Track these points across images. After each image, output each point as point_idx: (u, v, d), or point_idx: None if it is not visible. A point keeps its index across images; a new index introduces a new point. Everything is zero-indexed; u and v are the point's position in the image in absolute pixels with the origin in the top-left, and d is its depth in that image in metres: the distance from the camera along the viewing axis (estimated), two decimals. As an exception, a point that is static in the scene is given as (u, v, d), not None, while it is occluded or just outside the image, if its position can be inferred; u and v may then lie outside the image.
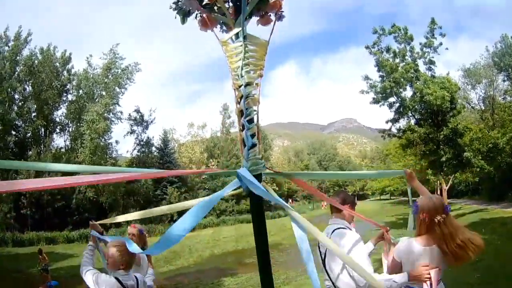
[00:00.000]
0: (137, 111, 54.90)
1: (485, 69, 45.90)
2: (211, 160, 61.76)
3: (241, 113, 2.65)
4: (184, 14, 3.14)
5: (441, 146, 31.40)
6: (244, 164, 2.67)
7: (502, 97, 44.77)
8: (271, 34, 3.13)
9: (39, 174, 41.97)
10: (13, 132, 45.40)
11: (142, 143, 55.92)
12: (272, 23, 3.18)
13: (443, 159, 30.83)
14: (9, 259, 27.38)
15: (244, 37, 2.99)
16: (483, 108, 48.11)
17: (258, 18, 3.20)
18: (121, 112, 51.80)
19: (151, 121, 55.85)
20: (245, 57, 2.89)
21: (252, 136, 2.62)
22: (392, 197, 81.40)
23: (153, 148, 58.11)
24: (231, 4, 3.13)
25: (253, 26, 3.19)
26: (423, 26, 32.41)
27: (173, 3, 3.15)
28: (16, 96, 45.92)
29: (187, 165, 59.91)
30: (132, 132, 55.01)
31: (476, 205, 38.03)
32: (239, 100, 2.68)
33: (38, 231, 38.21)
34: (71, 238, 37.34)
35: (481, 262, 10.05)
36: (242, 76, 2.73)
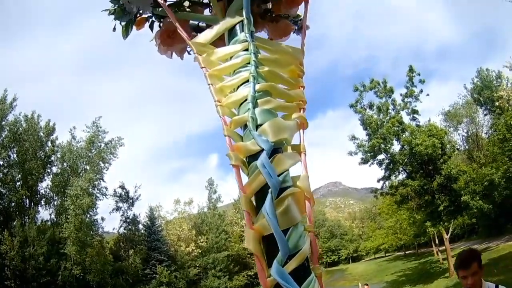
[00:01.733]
0: (122, 187, 54.13)
1: (465, 107, 46.71)
2: (200, 237, 60.34)
3: (264, 245, 1.17)
4: (129, 21, 1.88)
5: (437, 195, 31.00)
6: None
7: (485, 132, 45.22)
8: (303, 43, 1.75)
9: (23, 245, 40.52)
10: None
11: (128, 220, 54.55)
12: (290, 33, 1.96)
13: (441, 208, 30.34)
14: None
15: (251, 35, 1.54)
16: (467, 147, 48.44)
17: (265, 27, 1.97)
18: (106, 188, 50.84)
19: (137, 198, 54.89)
20: (258, 75, 1.40)
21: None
22: (387, 254, 79.77)
23: (140, 226, 56.71)
24: None
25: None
26: (396, 77, 33.19)
27: (111, 1, 1.85)
28: (0, 162, 44.79)
29: (176, 242, 58.50)
30: (118, 209, 53.85)
31: (477, 245, 37.16)
32: (251, 200, 1.20)
33: (23, 303, 35.82)
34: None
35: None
36: (255, 126, 1.26)
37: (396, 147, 32.92)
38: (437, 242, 39.08)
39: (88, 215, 47.41)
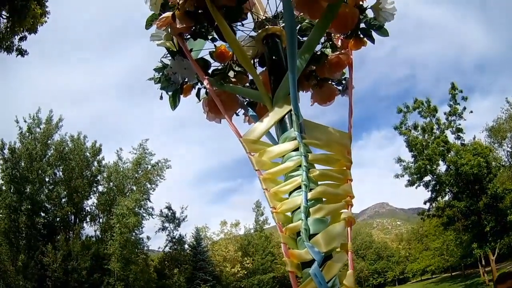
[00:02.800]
0: (169, 208, 54.98)
1: (508, 121, 44.56)
2: (245, 258, 60.24)
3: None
4: (176, 91, 1.92)
5: (483, 216, 29.97)
6: None
7: None
8: (350, 125, 1.76)
9: (66, 258, 41.82)
10: (42, 214, 45.41)
11: (174, 240, 55.15)
12: (335, 98, 1.98)
13: (487, 228, 29.30)
14: None
15: (300, 129, 1.58)
16: None
17: (309, 90, 2.01)
18: (152, 208, 51.79)
19: (183, 219, 55.70)
20: (309, 180, 1.45)
21: None
22: (433, 276, 77.20)
23: (186, 246, 57.06)
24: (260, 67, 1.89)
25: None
26: (437, 94, 32.66)
27: (155, 69, 1.95)
28: (47, 179, 46.57)
29: (221, 263, 58.58)
30: (164, 228, 54.64)
31: None
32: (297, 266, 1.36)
33: (62, 315, 37.11)
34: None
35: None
36: (308, 236, 1.36)
37: (442, 167, 32.21)
38: (483, 263, 37.52)
39: (134, 234, 48.31)
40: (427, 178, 32.38)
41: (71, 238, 45.29)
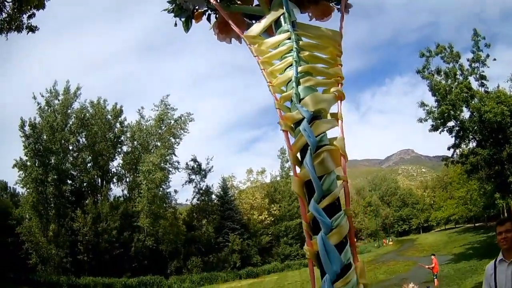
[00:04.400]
0: (194, 160, 55.72)
1: None
2: (272, 205, 60.92)
3: (305, 188, 1.37)
4: (188, 17, 2.12)
5: (506, 166, 29.59)
6: None
7: None
8: (341, 27, 1.86)
9: (95, 221, 43.32)
10: (69, 181, 47.54)
11: (201, 191, 56.32)
12: (332, 14, 2.04)
13: (510, 179, 28.95)
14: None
15: (293, 24, 1.76)
16: None
17: (309, 8, 2.06)
18: (178, 162, 52.91)
19: (209, 170, 56.52)
20: (300, 58, 1.60)
21: (340, 247, 1.25)
22: (457, 225, 77.30)
23: (213, 196, 58.32)
24: None
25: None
26: (461, 42, 31.69)
27: (169, 1, 2.13)
28: (70, 147, 48.41)
29: (248, 211, 59.50)
30: (191, 181, 55.76)
31: None
32: (296, 155, 1.42)
33: (95, 276, 39.03)
34: (129, 285, 37.62)
35: None
36: (298, 99, 1.46)
37: (466, 114, 31.63)
38: (506, 215, 37.34)
39: (161, 189, 49.60)
40: (451, 124, 31.88)
41: (99, 200, 46.75)
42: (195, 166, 55.73)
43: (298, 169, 1.32)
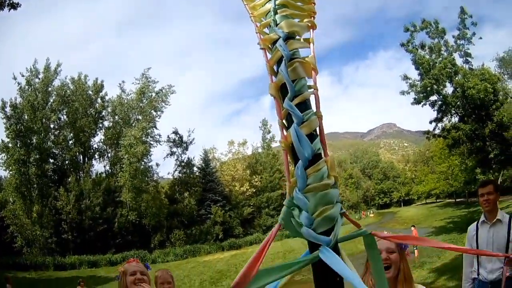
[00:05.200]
0: (176, 132, 55.39)
1: None
2: (254, 176, 61.05)
3: (281, 92, 1.42)
4: None
5: (488, 142, 29.94)
6: (295, 199, 1.29)
7: None
8: None
9: (78, 198, 43.05)
10: (51, 160, 46.93)
11: (183, 164, 56.21)
12: None
13: (491, 155, 29.35)
14: (49, 283, 27.58)
15: None
16: None
17: None
18: (159, 135, 52.56)
19: (190, 142, 56.34)
20: None
21: (311, 137, 1.30)
22: (438, 200, 78.77)
23: (195, 169, 58.28)
24: None
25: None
26: (448, 20, 31.62)
27: None
28: (51, 125, 47.66)
29: (230, 182, 59.67)
30: (172, 154, 55.54)
31: None
32: (274, 67, 1.47)
33: (80, 255, 38.90)
34: (113, 261, 37.63)
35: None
36: (276, 25, 1.54)
37: (449, 89, 31.79)
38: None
39: (143, 162, 49.35)
40: (433, 98, 32.04)
41: (82, 177, 46.39)
42: (177, 138, 55.54)
43: (274, 78, 1.44)
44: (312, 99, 1.40)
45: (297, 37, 1.54)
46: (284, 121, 1.36)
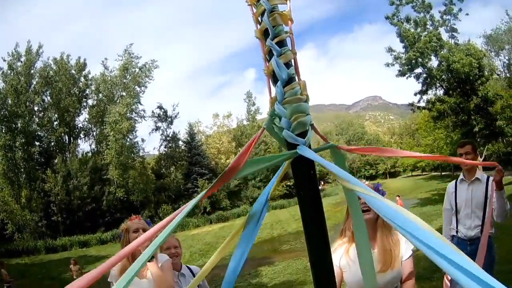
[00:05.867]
0: (160, 107, 55.10)
1: (507, 34, 43.82)
2: (239, 149, 60.69)
3: (264, 35, 1.68)
4: None
5: (472, 116, 30.25)
6: (277, 110, 1.58)
7: None
8: None
9: (66, 179, 42.86)
10: (37, 143, 46.45)
11: (168, 138, 56.25)
12: None
13: (476, 129, 29.73)
14: (41, 267, 27.71)
15: None
16: (508, 75, 46.06)
17: None
18: (144, 111, 52.25)
19: (175, 116, 56.11)
20: None
21: (287, 65, 1.60)
22: (423, 173, 79.75)
23: (180, 143, 58.25)
24: None
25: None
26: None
27: None
28: (36, 108, 46.92)
29: (216, 155, 59.76)
30: (157, 128, 55.43)
31: (510, 176, 36.40)
32: (259, 18, 1.70)
33: (70, 236, 38.95)
34: (104, 240, 37.84)
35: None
36: None
37: (434, 63, 31.85)
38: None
39: (128, 139, 49.26)
40: (418, 71, 32.14)
41: (68, 158, 46.10)
42: (161, 113, 55.28)
43: (259, 26, 1.63)
44: (288, 41, 1.60)
45: None
46: (266, 56, 1.62)
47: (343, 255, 2.81)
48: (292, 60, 1.62)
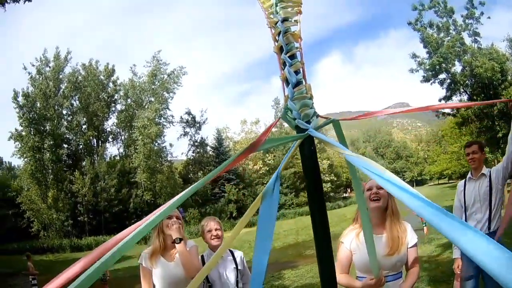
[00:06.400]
0: (189, 113, 55.92)
1: None
2: (267, 155, 61.33)
3: (280, 50, 2.27)
4: None
5: (496, 122, 30.01)
6: (289, 105, 2.17)
7: None
8: None
9: (94, 181, 43.99)
10: (65, 146, 47.71)
11: (196, 144, 56.96)
12: None
13: (500, 135, 29.45)
14: (66, 264, 28.33)
15: None
16: None
17: None
18: (172, 116, 53.12)
19: (203, 122, 56.89)
20: None
21: (296, 73, 2.18)
22: (450, 181, 78.42)
23: (208, 148, 58.95)
24: None
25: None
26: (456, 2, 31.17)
27: None
28: (64, 112, 48.27)
29: (244, 161, 59.94)
30: (185, 134, 56.22)
31: None
32: (276, 37, 2.30)
33: (96, 236, 39.82)
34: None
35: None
36: (277, 13, 2.35)
37: (457, 68, 31.73)
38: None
39: (156, 143, 50.06)
40: (442, 76, 31.97)
41: (96, 160, 47.07)
42: (189, 119, 56.01)
43: (276, 43, 2.21)
44: (298, 54, 2.17)
45: (290, 19, 2.25)
46: (282, 66, 2.19)
47: (353, 239, 3.16)
48: (301, 69, 2.18)
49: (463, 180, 5.14)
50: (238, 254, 4.14)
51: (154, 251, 3.53)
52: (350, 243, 3.17)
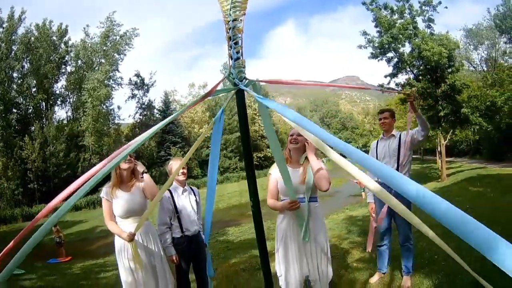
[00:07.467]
0: (137, 75, 55.67)
1: (487, 30, 45.38)
2: (213, 119, 61.55)
3: (229, 39, 3.10)
4: None
5: (439, 102, 31.51)
6: (231, 71, 3.14)
7: (504, 60, 44.34)
8: None
9: (43, 146, 42.91)
10: (14, 110, 46.00)
11: (143, 106, 57.05)
12: None
13: (441, 114, 31.00)
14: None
15: None
16: (485, 69, 47.83)
17: None
18: (122, 78, 52.71)
19: (152, 84, 56.88)
20: (233, 1, 3.21)
21: (237, 53, 3.07)
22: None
23: (155, 111, 59.12)
24: None
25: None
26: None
27: None
28: (15, 75, 46.35)
29: (189, 125, 60.49)
30: (133, 96, 56.18)
31: (476, 163, 38.36)
32: (228, 31, 3.10)
33: (46, 203, 38.74)
34: (78, 206, 38.29)
35: (473, 210, 10.33)
36: (230, 15, 3.13)
37: (407, 49, 32.73)
38: (439, 149, 40.39)
39: (105, 106, 49.35)
40: (390, 55, 32.90)
41: (45, 125, 45.80)
42: (138, 81, 55.93)
43: (226, 33, 2.99)
44: (239, 41, 3.01)
45: (238, 19, 3.02)
46: (229, 48, 3.02)
47: (278, 171, 3.83)
48: (240, 50, 3.03)
49: (376, 140, 5.80)
50: (197, 190, 5.30)
51: (113, 185, 4.24)
52: (277, 173, 3.95)
